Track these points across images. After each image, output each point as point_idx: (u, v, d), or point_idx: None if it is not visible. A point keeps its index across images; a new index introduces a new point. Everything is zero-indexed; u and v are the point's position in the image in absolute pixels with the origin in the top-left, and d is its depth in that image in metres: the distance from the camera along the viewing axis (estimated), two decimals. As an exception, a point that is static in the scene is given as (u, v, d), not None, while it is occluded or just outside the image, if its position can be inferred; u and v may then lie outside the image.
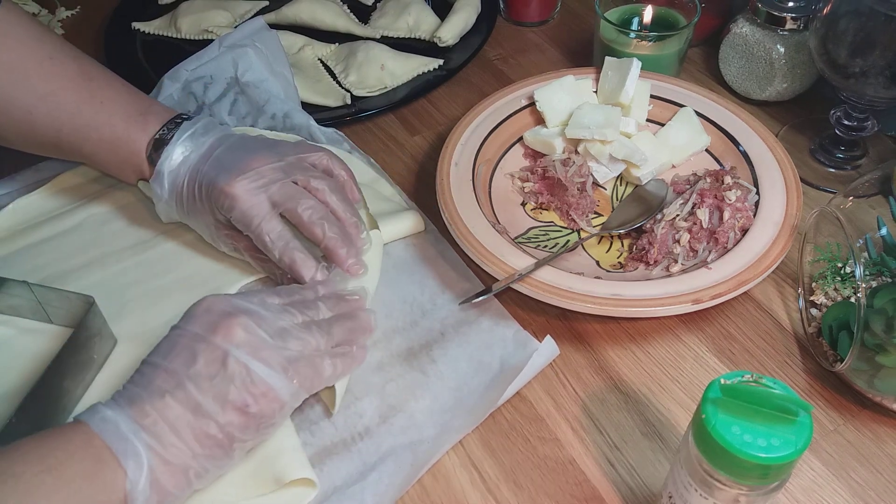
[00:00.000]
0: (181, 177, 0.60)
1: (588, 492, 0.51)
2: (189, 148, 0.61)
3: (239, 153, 0.59)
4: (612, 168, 0.70)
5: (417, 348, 0.58)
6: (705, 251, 0.62)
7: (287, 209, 0.57)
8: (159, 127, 0.61)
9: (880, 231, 0.55)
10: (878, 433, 0.54)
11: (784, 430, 0.37)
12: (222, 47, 0.78)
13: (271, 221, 0.57)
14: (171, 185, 0.61)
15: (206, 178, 0.59)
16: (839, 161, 0.73)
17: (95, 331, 0.57)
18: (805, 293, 0.60)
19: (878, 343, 0.51)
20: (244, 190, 0.57)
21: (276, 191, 0.57)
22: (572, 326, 0.61)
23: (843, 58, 0.64)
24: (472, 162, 0.68)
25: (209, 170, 0.59)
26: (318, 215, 0.57)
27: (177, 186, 0.61)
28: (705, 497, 0.40)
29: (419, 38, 0.90)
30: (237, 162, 0.58)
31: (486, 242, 0.60)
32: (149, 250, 0.66)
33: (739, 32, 0.77)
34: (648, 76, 0.73)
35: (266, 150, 0.60)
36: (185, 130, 0.61)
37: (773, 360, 0.58)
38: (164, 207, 0.63)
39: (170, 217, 0.64)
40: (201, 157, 0.60)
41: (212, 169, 0.59)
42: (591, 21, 0.92)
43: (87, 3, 0.99)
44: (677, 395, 0.56)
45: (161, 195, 0.61)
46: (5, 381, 0.56)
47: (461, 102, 0.83)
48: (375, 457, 0.52)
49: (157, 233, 0.67)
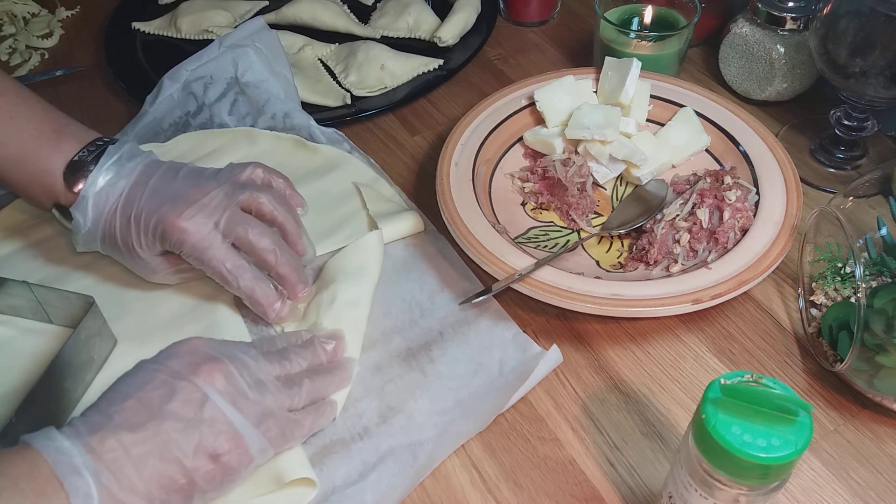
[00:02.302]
0: (110, 205, 0.57)
1: (588, 492, 0.51)
2: (115, 175, 0.57)
3: (177, 184, 0.57)
4: (612, 168, 0.70)
5: (416, 348, 0.58)
6: (705, 251, 0.62)
7: (237, 237, 0.56)
8: (75, 147, 0.58)
9: (880, 231, 0.55)
10: (878, 433, 0.54)
11: (784, 430, 0.37)
12: (222, 47, 0.78)
13: (226, 252, 0.56)
14: (96, 214, 0.57)
15: (145, 210, 0.56)
16: (839, 161, 0.73)
17: (95, 331, 0.57)
18: (805, 293, 0.61)
19: (878, 343, 0.51)
20: (194, 223, 0.55)
21: (225, 220, 0.56)
22: (572, 326, 0.61)
23: (843, 58, 0.64)
24: (472, 162, 0.68)
25: (148, 202, 0.56)
26: (269, 241, 0.56)
27: (104, 215, 0.57)
28: (705, 497, 0.40)
29: (419, 38, 0.90)
30: (179, 193, 0.56)
31: (486, 242, 0.60)
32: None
33: (739, 32, 0.77)
34: (648, 76, 0.73)
35: (202, 178, 0.58)
36: (111, 156, 0.57)
37: (773, 360, 0.58)
38: (83, 238, 0.58)
39: (88, 247, 0.60)
40: (133, 185, 0.57)
41: (152, 201, 0.56)
42: (591, 21, 0.92)
43: (87, 3, 0.99)
44: (677, 395, 0.56)
45: (82, 224, 0.57)
46: (5, 381, 0.56)
47: (461, 102, 0.83)
48: (375, 457, 0.52)
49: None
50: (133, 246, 0.57)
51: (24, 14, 0.96)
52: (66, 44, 0.94)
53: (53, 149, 0.58)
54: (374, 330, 0.59)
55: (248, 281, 0.56)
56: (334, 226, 0.68)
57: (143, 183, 0.57)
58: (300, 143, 0.74)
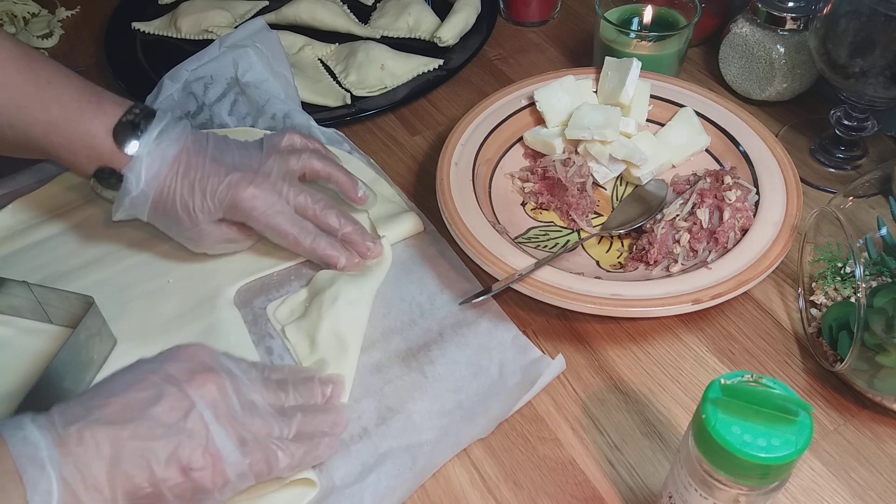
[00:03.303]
0: (166, 169, 0.57)
1: (588, 492, 0.51)
2: (168, 139, 0.58)
3: (235, 155, 0.61)
4: (612, 168, 0.70)
5: (416, 349, 0.58)
6: (705, 251, 0.62)
7: (299, 205, 0.61)
8: (118, 111, 0.58)
9: (880, 231, 0.55)
10: (878, 433, 0.54)
11: (784, 430, 0.37)
12: (223, 47, 0.77)
13: (291, 218, 0.61)
14: (150, 175, 0.57)
15: (211, 177, 0.59)
16: (839, 161, 0.73)
17: (95, 331, 0.57)
18: (805, 293, 0.60)
19: (878, 343, 0.51)
20: (263, 191, 0.59)
21: (287, 188, 0.61)
22: (572, 326, 0.61)
23: (843, 58, 0.64)
24: (472, 162, 0.68)
25: (213, 168, 0.59)
26: (328, 205, 0.62)
27: (161, 178, 0.58)
28: (705, 497, 0.40)
29: (419, 38, 0.90)
30: (240, 163, 0.60)
31: (486, 242, 0.60)
32: (149, 250, 0.66)
33: (739, 32, 0.77)
34: (648, 76, 0.73)
35: (252, 149, 0.62)
36: (161, 119, 0.58)
37: (773, 360, 0.58)
38: (132, 201, 0.58)
39: (132, 212, 0.60)
40: (190, 151, 0.59)
41: (216, 168, 0.59)
42: (591, 21, 0.92)
43: (87, 3, 0.99)
44: (677, 395, 0.56)
45: (134, 186, 0.57)
46: (5, 381, 0.56)
47: (461, 102, 0.83)
48: (374, 458, 0.52)
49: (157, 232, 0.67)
50: (194, 210, 0.59)
51: (24, 14, 0.96)
52: (66, 44, 0.94)
53: (96, 111, 0.57)
54: (374, 330, 0.60)
55: (313, 241, 0.61)
56: (334, 226, 0.68)
57: (201, 151, 0.59)
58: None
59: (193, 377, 0.44)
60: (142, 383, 0.43)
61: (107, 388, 0.43)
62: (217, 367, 0.46)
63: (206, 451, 0.42)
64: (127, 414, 0.41)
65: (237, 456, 0.43)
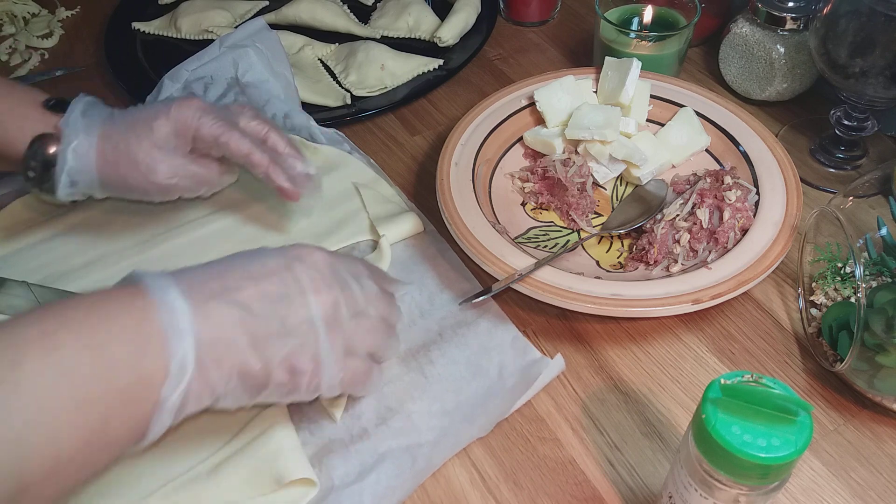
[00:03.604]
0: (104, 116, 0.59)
1: (588, 492, 0.51)
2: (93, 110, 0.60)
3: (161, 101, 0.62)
4: (612, 168, 0.70)
5: (415, 349, 0.58)
6: (705, 251, 0.62)
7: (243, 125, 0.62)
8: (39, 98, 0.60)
9: (880, 231, 0.55)
10: (878, 433, 0.54)
11: (784, 430, 0.37)
12: (223, 47, 0.78)
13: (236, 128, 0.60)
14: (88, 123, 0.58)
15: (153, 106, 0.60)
16: (839, 161, 0.73)
17: (95, 331, 0.56)
18: (805, 293, 0.61)
19: (878, 343, 0.51)
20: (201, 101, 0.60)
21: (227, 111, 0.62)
22: (572, 326, 0.61)
23: (843, 58, 0.64)
24: (472, 162, 0.68)
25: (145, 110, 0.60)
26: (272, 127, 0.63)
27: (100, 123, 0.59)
28: (705, 497, 0.40)
29: (419, 38, 0.90)
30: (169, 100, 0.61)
31: (486, 242, 0.60)
32: (148, 250, 0.66)
33: (739, 32, 0.77)
34: (648, 76, 0.73)
35: None
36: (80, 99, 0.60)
37: (773, 360, 0.58)
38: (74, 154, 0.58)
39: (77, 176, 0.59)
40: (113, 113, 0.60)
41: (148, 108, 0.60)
42: (591, 21, 0.92)
43: (87, 3, 0.99)
44: (677, 395, 0.56)
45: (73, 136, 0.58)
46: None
47: (461, 102, 0.83)
48: (373, 458, 0.52)
49: (157, 232, 0.67)
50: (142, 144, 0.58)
51: (24, 14, 0.96)
52: (66, 44, 0.94)
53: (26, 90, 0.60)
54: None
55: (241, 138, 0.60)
56: (334, 226, 0.67)
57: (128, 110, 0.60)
58: (300, 143, 0.74)
59: (317, 286, 0.46)
60: (272, 278, 0.45)
61: (240, 269, 0.45)
62: (334, 282, 0.47)
63: (313, 359, 0.46)
64: (257, 305, 0.44)
65: (336, 369, 0.47)
